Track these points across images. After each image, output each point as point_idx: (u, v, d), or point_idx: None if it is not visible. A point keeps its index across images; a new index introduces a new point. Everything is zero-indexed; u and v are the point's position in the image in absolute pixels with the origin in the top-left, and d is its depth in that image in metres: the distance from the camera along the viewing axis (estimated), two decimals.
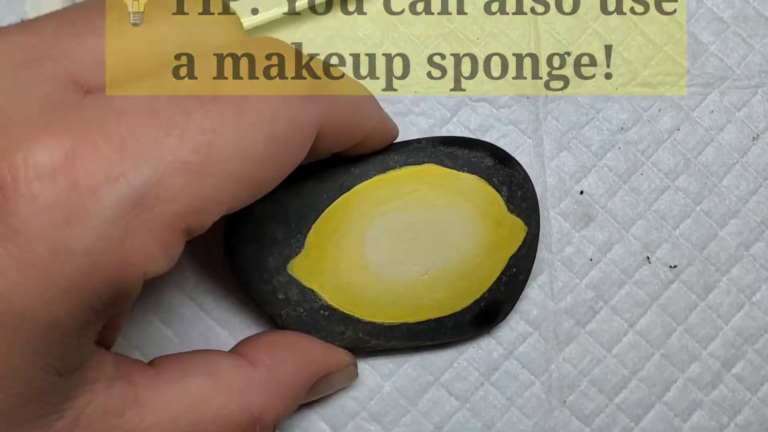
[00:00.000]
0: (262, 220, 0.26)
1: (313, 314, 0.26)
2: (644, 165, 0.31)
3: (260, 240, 0.26)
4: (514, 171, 0.27)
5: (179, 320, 0.29)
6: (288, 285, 0.26)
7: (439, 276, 0.27)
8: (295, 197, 0.26)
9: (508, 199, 0.27)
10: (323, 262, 0.26)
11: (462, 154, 0.27)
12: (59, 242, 0.17)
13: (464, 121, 0.31)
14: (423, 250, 0.26)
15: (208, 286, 0.29)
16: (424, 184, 0.27)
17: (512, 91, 0.31)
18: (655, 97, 0.31)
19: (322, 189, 0.26)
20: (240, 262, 0.26)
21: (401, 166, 0.27)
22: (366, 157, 0.26)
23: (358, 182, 0.26)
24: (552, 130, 0.31)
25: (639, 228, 0.31)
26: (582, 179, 0.31)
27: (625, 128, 0.31)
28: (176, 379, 0.22)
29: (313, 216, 0.26)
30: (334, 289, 0.26)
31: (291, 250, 0.26)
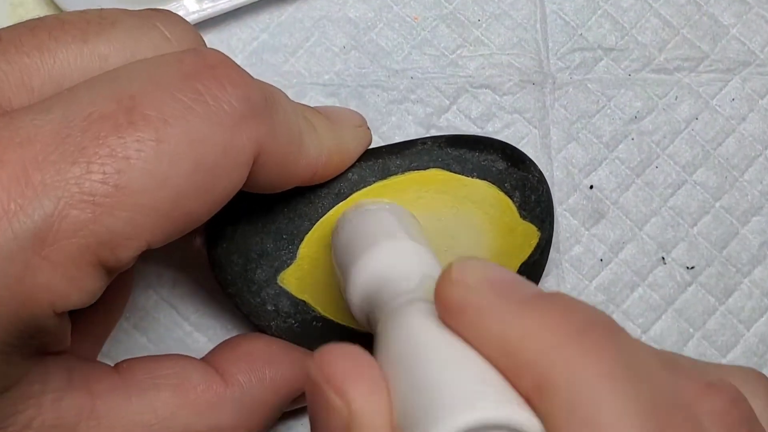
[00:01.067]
0: (249, 232, 0.25)
1: (305, 325, 0.26)
2: (659, 157, 0.30)
3: (248, 252, 0.25)
4: (527, 174, 0.26)
5: (154, 326, 0.28)
6: (278, 296, 0.25)
7: None
8: (286, 207, 0.25)
9: (521, 205, 0.26)
10: (316, 273, 0.25)
11: (471, 158, 0.26)
12: None
13: (464, 110, 0.30)
14: None
15: (186, 289, 0.29)
16: (428, 191, 0.26)
17: (517, 77, 0.30)
18: (672, 84, 0.31)
19: (316, 198, 0.25)
20: (226, 274, 0.25)
21: (404, 172, 0.25)
22: (365, 161, 0.25)
23: (356, 189, 0.25)
24: (560, 120, 0.30)
25: (653, 226, 0.30)
26: (592, 173, 0.30)
27: (638, 117, 0.30)
28: (140, 390, 0.22)
29: (306, 226, 0.25)
30: (328, 300, 0.26)
31: (282, 261, 0.25)
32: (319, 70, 0.30)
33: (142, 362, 0.23)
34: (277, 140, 0.21)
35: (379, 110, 0.30)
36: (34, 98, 0.19)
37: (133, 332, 0.28)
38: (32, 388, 0.19)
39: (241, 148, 0.20)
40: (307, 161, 0.23)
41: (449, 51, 0.30)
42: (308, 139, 0.22)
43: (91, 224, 0.17)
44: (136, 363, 0.23)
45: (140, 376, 0.22)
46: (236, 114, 0.19)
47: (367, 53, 0.30)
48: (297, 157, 0.22)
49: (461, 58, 0.30)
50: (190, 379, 0.23)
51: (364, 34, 0.30)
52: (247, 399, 0.24)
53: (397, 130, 0.30)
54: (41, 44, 0.19)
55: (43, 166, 0.17)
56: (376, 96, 0.30)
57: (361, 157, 0.25)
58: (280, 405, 0.25)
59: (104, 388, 0.21)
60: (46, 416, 0.19)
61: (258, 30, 0.30)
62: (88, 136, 0.18)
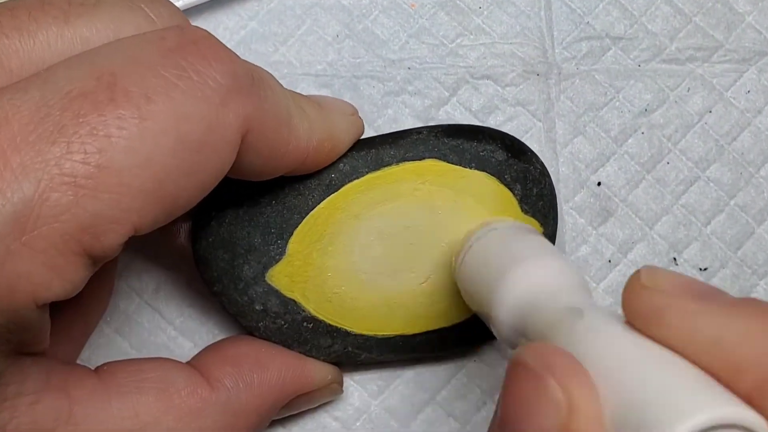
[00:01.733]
0: (235, 225, 0.25)
1: (295, 326, 0.25)
2: (671, 152, 0.30)
3: (234, 247, 0.25)
4: (529, 165, 0.26)
5: (137, 330, 0.28)
6: (266, 295, 0.25)
7: (441, 284, 0.25)
8: (274, 199, 0.25)
9: (522, 198, 0.26)
10: (307, 270, 0.25)
11: (469, 148, 0.25)
12: None
13: (465, 102, 0.29)
14: (422, 255, 0.25)
15: (170, 292, 0.28)
16: (424, 183, 0.25)
17: (520, 68, 0.30)
18: (684, 75, 0.30)
19: (306, 189, 0.25)
20: (211, 271, 0.25)
21: (398, 162, 0.25)
22: (357, 151, 0.25)
23: (347, 181, 0.25)
24: (565, 113, 0.30)
25: (664, 225, 0.29)
26: (599, 169, 0.30)
27: (649, 110, 0.30)
28: (122, 394, 0.21)
29: (296, 220, 0.25)
30: (319, 300, 0.25)
31: (270, 257, 0.25)
32: (311, 60, 0.29)
33: (123, 365, 0.23)
34: (265, 120, 0.20)
35: (375, 102, 0.29)
36: (12, 80, 0.19)
37: (114, 337, 0.28)
38: (7, 390, 0.19)
39: (228, 125, 0.19)
40: (297, 145, 0.22)
41: (449, 40, 0.30)
42: (298, 122, 0.22)
43: (74, 207, 0.17)
44: (117, 366, 0.22)
45: (121, 379, 0.22)
46: (222, 90, 0.19)
47: (362, 42, 0.29)
48: (286, 140, 0.22)
49: (461, 48, 0.30)
50: (174, 383, 0.22)
51: (358, 22, 0.30)
52: (233, 405, 0.23)
53: (393, 124, 0.29)
54: (21, 25, 0.19)
55: (22, 147, 0.17)
56: (371, 87, 0.29)
57: (352, 147, 0.25)
58: (269, 412, 0.25)
59: (83, 392, 0.21)
60: (21, 419, 0.19)
61: (246, 18, 0.29)
62: (68, 114, 0.17)
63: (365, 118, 0.27)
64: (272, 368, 0.25)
